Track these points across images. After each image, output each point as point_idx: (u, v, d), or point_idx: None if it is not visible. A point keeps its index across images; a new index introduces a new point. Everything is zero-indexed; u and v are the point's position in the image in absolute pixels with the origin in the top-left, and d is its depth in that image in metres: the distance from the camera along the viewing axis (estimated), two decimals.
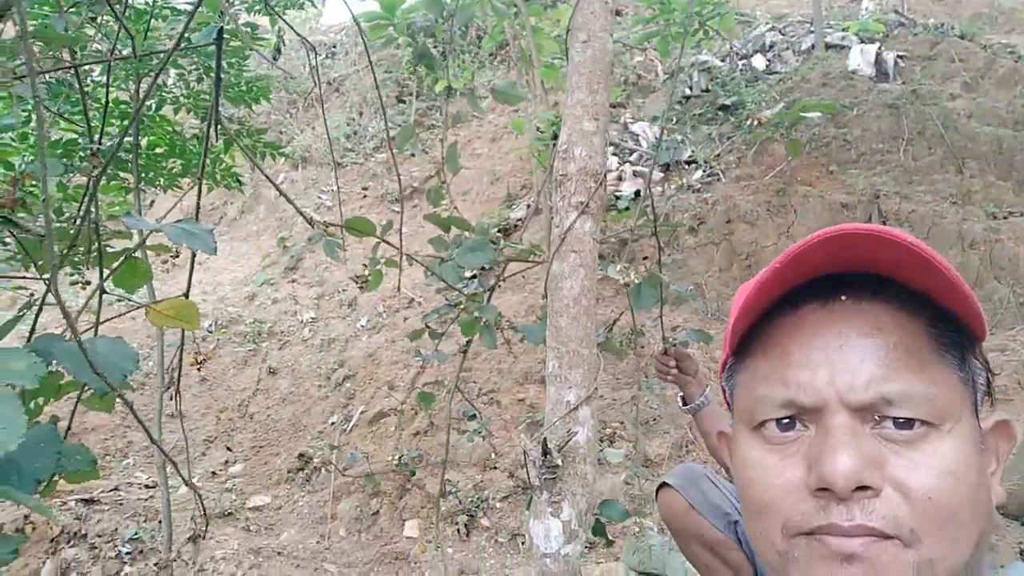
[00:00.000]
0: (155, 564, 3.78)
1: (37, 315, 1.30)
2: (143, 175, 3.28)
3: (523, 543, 3.83)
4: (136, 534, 3.86)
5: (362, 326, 6.24)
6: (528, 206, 6.67)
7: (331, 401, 5.55)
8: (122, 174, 3.26)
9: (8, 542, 1.17)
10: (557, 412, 1.38)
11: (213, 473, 5.14)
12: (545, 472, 1.30)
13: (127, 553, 3.77)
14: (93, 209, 1.45)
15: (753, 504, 0.61)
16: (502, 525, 3.98)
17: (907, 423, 0.56)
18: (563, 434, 1.33)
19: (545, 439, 1.29)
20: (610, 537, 3.61)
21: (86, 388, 1.38)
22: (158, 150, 3.30)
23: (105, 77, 2.96)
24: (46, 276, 1.60)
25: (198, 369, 2.69)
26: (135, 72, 2.92)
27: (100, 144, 1.67)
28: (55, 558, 3.76)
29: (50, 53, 1.64)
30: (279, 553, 4.04)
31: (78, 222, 1.42)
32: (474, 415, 2.68)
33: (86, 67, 2.98)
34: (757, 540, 0.62)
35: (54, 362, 1.12)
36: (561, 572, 1.29)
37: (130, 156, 2.93)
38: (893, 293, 0.60)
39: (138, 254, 1.60)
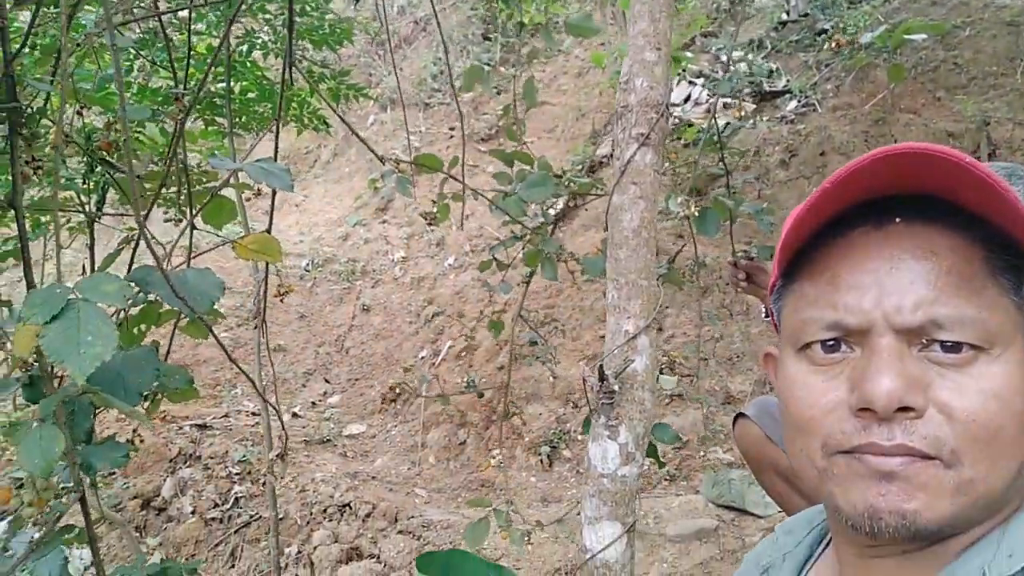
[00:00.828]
0: (262, 483, 4.11)
1: (135, 249, 1.42)
2: (236, 120, 3.44)
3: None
4: (244, 456, 4.18)
5: (449, 265, 6.39)
6: (613, 141, 6.57)
7: (421, 336, 5.76)
8: (219, 119, 3.43)
9: (119, 448, 1.32)
10: (616, 341, 1.42)
11: (313, 403, 5.46)
12: (603, 398, 1.35)
13: (236, 473, 4.10)
14: (181, 151, 1.57)
15: (795, 422, 0.62)
16: (583, 456, 4.09)
17: (955, 346, 0.55)
18: (620, 362, 1.38)
19: (601, 366, 1.33)
20: (681, 469, 3.65)
21: (183, 316, 1.51)
22: (250, 95, 3.45)
23: (199, 25, 3.10)
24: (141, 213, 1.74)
25: (281, 300, 2.85)
26: (224, 19, 3.04)
27: (186, 90, 1.78)
28: (174, 477, 4.14)
29: (139, 3, 1.74)
30: (373, 477, 4.30)
31: (167, 163, 1.54)
32: (535, 342, 2.74)
33: (178, 16, 3.13)
34: (796, 457, 0.63)
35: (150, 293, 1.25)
36: (618, 491, 1.35)
37: (225, 102, 3.08)
38: (950, 216, 0.58)
39: (225, 192, 1.71)
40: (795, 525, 0.80)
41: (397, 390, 5.28)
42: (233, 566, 3.59)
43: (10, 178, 1.16)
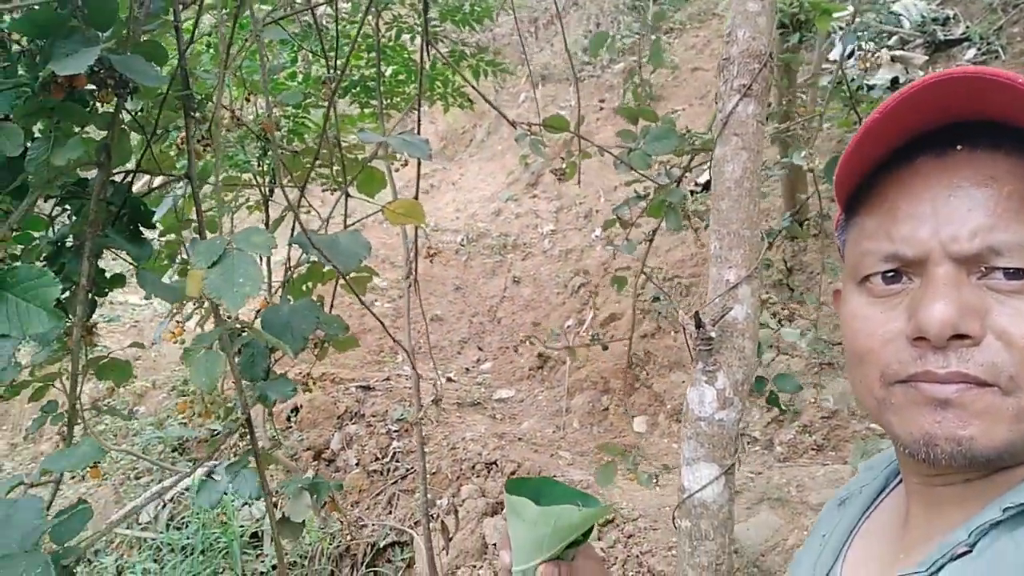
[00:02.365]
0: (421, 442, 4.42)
1: (296, 216, 1.62)
2: (387, 101, 3.69)
3: (746, 441, 3.88)
4: (402, 415, 4.52)
5: (596, 236, 6.45)
6: (769, 104, 6.31)
7: (568, 307, 5.89)
8: (373, 102, 3.71)
9: (288, 384, 1.53)
10: (717, 291, 1.44)
11: (467, 369, 5.75)
12: (700, 344, 1.39)
13: (394, 430, 4.44)
14: (332, 128, 1.76)
15: (854, 353, 0.62)
16: None
17: (1016, 273, 0.54)
18: (719, 310, 1.40)
19: (697, 313, 1.37)
20: (829, 439, 3.52)
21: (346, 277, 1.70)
22: (399, 77, 3.69)
23: (343, 9, 3.35)
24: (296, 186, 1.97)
25: (430, 262, 3.06)
26: (375, 7, 3.27)
27: (337, 74, 1.98)
28: (341, 432, 4.55)
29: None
30: (519, 439, 4.49)
31: (320, 140, 1.74)
32: (658, 297, 2.76)
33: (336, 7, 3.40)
34: (856, 388, 0.64)
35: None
36: (715, 434, 1.39)
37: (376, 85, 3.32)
38: (1013, 141, 0.57)
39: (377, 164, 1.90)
40: (876, 461, 0.81)
41: (544, 357, 5.45)
42: (391, 512, 3.91)
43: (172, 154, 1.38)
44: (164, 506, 4.27)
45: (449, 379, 5.41)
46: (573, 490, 0.97)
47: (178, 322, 2.25)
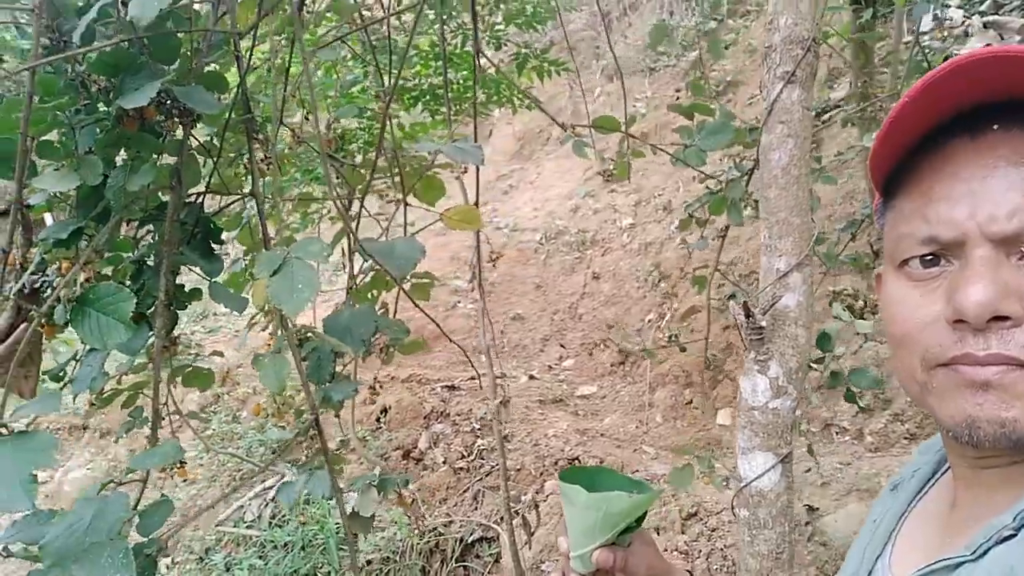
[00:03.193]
0: (502, 438, 4.51)
1: (357, 223, 1.70)
2: (456, 107, 3.79)
3: (835, 431, 3.77)
4: (485, 414, 4.61)
5: (676, 228, 6.37)
6: (850, 84, 6.08)
7: (648, 301, 5.85)
8: (443, 109, 3.81)
9: (350, 385, 1.62)
10: (768, 280, 1.44)
11: (549, 367, 5.81)
12: (751, 334, 1.39)
13: (479, 428, 4.54)
14: (389, 138, 1.85)
15: (894, 338, 0.62)
16: (814, 415, 3.94)
17: None
18: (769, 299, 1.40)
19: (746, 303, 1.37)
20: (923, 427, 3.39)
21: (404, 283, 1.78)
22: (468, 83, 3.78)
23: (401, 21, 3.45)
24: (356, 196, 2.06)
25: (493, 265, 3.12)
26: (439, 18, 3.37)
27: (391, 88, 2.06)
28: (428, 431, 4.69)
29: (341, 23, 2.05)
30: (602, 435, 4.51)
31: (376, 151, 1.82)
32: (733, 295, 2.72)
33: (401, 20, 3.52)
34: (898, 373, 0.64)
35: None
36: (769, 423, 1.39)
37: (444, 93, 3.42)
38: None
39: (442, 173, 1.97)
40: (930, 445, 0.80)
41: (626, 353, 5.44)
42: (476, 508, 4.01)
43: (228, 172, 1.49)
44: (267, 505, 4.51)
45: (531, 377, 5.48)
46: (627, 478, 1.00)
47: (267, 331, 2.39)
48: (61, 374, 1.41)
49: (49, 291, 1.08)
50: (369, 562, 3.91)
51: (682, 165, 2.12)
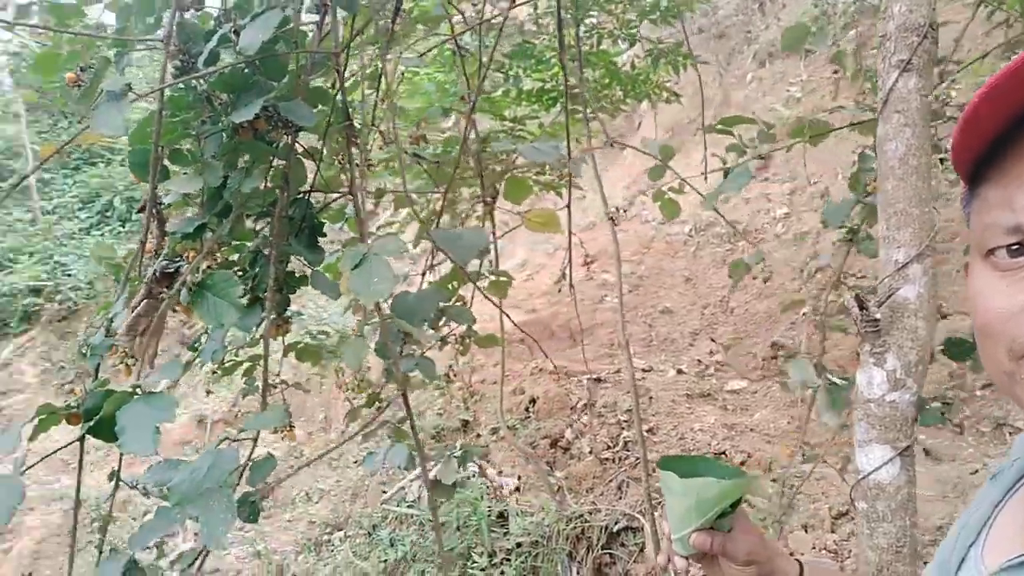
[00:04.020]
0: (647, 430, 4.55)
1: (439, 218, 1.85)
2: (595, 104, 3.87)
3: (1008, 431, 3.50)
4: (630, 406, 4.67)
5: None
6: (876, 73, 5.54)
7: (804, 293, 5.63)
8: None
9: (426, 362, 1.75)
10: (886, 271, 1.43)
11: (699, 361, 5.75)
12: (866, 326, 1.39)
13: (624, 420, 4.60)
14: (473, 138, 1.98)
15: (981, 328, 0.63)
16: (984, 414, 3.67)
17: None
18: (886, 291, 1.39)
19: (858, 295, 1.37)
20: None
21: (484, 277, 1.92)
22: (605, 81, 3.86)
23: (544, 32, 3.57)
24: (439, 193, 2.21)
25: (587, 268, 3.16)
26: (575, 19, 3.48)
27: (471, 90, 2.18)
28: (576, 423, 4.82)
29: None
30: (751, 430, 4.43)
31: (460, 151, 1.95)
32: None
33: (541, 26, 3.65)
34: (986, 363, 0.64)
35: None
36: (886, 416, 1.38)
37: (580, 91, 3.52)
38: None
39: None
40: None
41: (779, 347, 5.29)
42: (621, 498, 4.08)
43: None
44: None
45: (679, 371, 5.45)
46: (725, 466, 1.05)
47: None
48: (196, 345, 1.68)
49: (177, 276, 1.31)
50: (520, 544, 4.10)
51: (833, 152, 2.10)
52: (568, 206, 2.10)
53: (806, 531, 3.21)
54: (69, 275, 9.47)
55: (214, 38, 1.27)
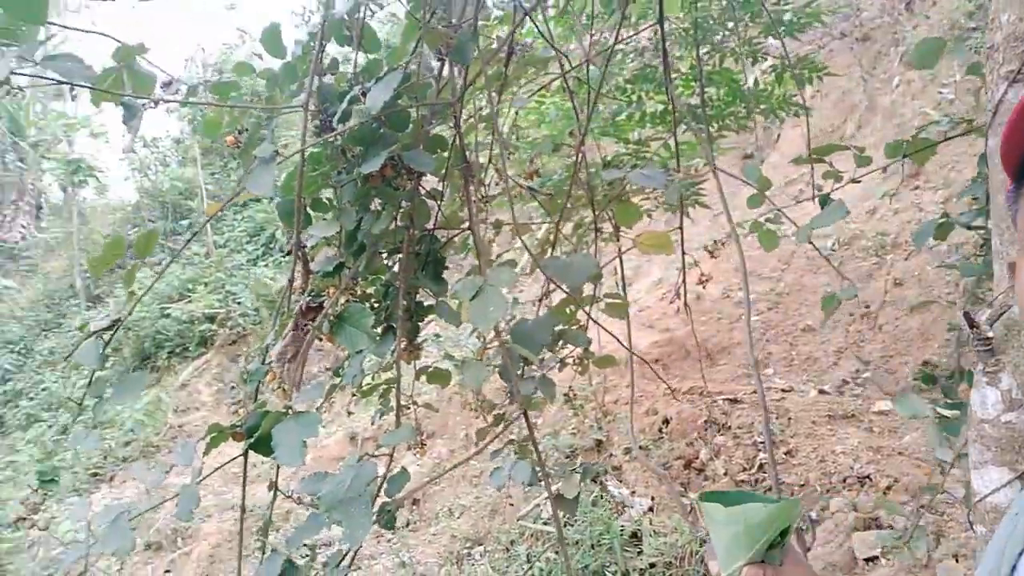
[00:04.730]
0: (785, 452, 4.42)
1: (552, 247, 1.94)
2: (719, 123, 3.86)
3: None
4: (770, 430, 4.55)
5: None
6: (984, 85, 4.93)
7: (958, 307, 5.26)
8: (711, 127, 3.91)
9: (546, 382, 1.84)
10: (1000, 288, 1.39)
11: (844, 381, 5.50)
12: (978, 345, 1.36)
13: (760, 442, 4.50)
14: (583, 168, 2.07)
15: None
16: None
17: None
18: (999, 308, 1.35)
19: (967, 312, 1.34)
20: None
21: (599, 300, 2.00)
22: (727, 99, 3.85)
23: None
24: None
25: (703, 287, 3.11)
26: (695, 40, 3.53)
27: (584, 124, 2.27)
28: (710, 444, 4.75)
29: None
30: (900, 453, 4.20)
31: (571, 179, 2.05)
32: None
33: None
34: None
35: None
36: (1002, 436, 1.34)
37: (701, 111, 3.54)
38: None
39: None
40: None
41: (932, 366, 4.96)
42: None
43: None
44: None
45: (821, 391, 5.25)
46: (770, 498, 0.98)
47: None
48: (339, 370, 1.87)
49: (320, 309, 1.50)
50: (653, 564, 4.09)
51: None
52: (680, 227, 2.15)
53: (956, 560, 3.02)
54: (239, 303, 10.45)
55: (345, 99, 1.47)
